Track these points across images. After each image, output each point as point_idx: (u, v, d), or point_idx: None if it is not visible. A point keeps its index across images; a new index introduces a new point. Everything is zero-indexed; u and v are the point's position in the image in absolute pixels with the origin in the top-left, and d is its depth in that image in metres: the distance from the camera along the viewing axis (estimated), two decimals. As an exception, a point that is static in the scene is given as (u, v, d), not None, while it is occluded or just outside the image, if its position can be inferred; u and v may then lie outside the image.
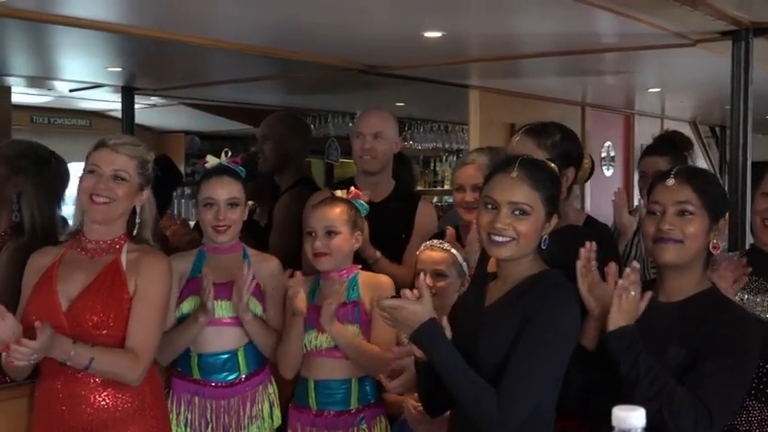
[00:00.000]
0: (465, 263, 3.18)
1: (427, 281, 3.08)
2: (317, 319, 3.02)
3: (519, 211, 2.32)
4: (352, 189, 3.26)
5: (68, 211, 3.32)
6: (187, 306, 3.06)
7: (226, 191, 3.09)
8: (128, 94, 5.41)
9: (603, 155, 6.52)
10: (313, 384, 3.06)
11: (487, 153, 3.51)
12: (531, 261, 2.38)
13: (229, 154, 3.21)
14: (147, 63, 4.78)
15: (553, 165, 2.45)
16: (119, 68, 4.71)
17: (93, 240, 2.79)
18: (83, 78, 5.22)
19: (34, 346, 2.46)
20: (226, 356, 3.08)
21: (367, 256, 3.50)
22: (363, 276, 3.14)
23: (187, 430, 3.05)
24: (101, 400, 2.69)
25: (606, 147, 6.54)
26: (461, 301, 2.57)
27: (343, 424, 3.05)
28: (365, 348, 3.02)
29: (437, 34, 3.60)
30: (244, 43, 3.94)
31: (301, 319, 3.01)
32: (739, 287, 2.76)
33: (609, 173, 6.55)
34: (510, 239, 2.32)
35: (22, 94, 6.01)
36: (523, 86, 5.30)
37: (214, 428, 3.05)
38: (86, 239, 2.80)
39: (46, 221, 3.27)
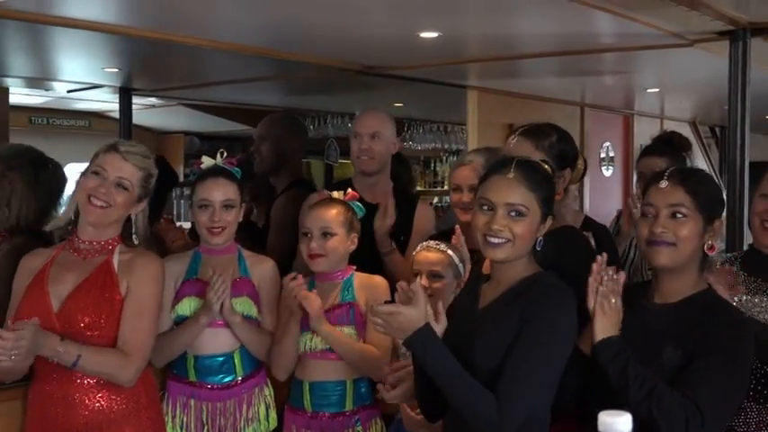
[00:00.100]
0: (461, 264, 3.16)
1: (423, 282, 3.09)
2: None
3: (515, 212, 2.30)
4: (348, 191, 3.25)
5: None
6: (183, 308, 3.04)
7: (221, 192, 3.08)
8: (125, 94, 5.41)
9: (602, 155, 6.52)
10: (308, 386, 3.04)
11: (485, 154, 3.50)
12: (525, 263, 2.37)
13: (225, 155, 3.19)
14: (145, 64, 4.78)
15: (548, 166, 2.44)
16: (116, 69, 4.71)
17: (85, 241, 2.79)
18: (80, 79, 5.21)
19: (12, 337, 2.43)
20: (222, 358, 3.06)
21: (383, 245, 3.54)
22: (358, 278, 3.12)
23: (182, 433, 3.04)
24: (95, 401, 2.68)
25: (605, 147, 6.53)
26: (455, 304, 2.56)
27: (339, 426, 3.03)
28: (359, 348, 3.00)
29: (433, 35, 3.59)
30: (241, 44, 3.94)
31: (298, 321, 2.99)
32: (737, 293, 2.75)
33: (608, 173, 6.54)
34: (506, 241, 2.30)
35: (20, 94, 6.00)
36: (522, 87, 5.29)
37: (210, 431, 3.03)
38: (79, 239, 2.80)
39: (37, 221, 3.26)
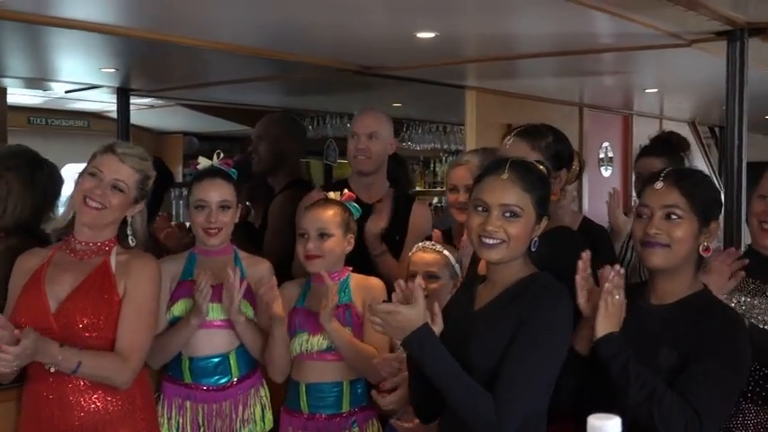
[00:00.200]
0: (458, 264, 3.16)
1: (420, 283, 3.07)
2: (308, 322, 3.01)
3: (510, 213, 2.30)
4: (345, 191, 3.24)
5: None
6: (178, 309, 3.04)
7: (217, 193, 3.07)
8: (123, 95, 5.40)
9: (601, 155, 6.51)
10: (304, 388, 3.04)
11: (482, 154, 3.50)
12: (521, 263, 2.36)
13: (221, 156, 3.19)
14: (143, 64, 4.77)
15: (543, 167, 2.43)
16: (113, 69, 4.69)
17: (82, 241, 2.79)
18: (78, 79, 5.20)
19: (15, 352, 2.44)
20: (217, 360, 3.06)
21: (373, 248, 3.52)
22: (355, 279, 3.12)
23: (178, 434, 3.04)
24: (90, 403, 2.67)
25: (604, 147, 6.52)
26: (451, 305, 2.55)
27: (336, 427, 3.03)
28: (362, 349, 3.00)
29: (430, 35, 3.58)
30: (239, 44, 3.92)
31: (282, 325, 2.99)
32: (735, 283, 2.74)
33: (607, 173, 6.53)
34: (501, 242, 2.30)
35: (19, 95, 5.99)
36: (520, 87, 5.28)
37: (205, 432, 3.03)
38: (75, 240, 2.79)
39: (34, 221, 3.25)
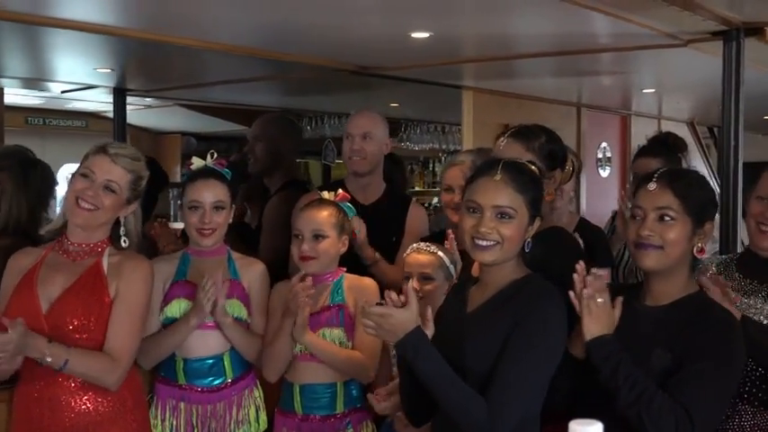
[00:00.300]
0: (452, 266, 3.14)
1: (414, 284, 3.07)
2: (302, 323, 3.00)
3: (503, 214, 2.29)
4: (339, 192, 3.23)
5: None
6: (171, 310, 3.02)
7: (211, 194, 3.05)
8: (119, 95, 5.40)
9: (599, 156, 6.50)
10: (298, 389, 3.02)
11: (477, 154, 3.49)
12: (514, 265, 2.35)
13: (215, 156, 3.17)
14: (139, 64, 4.77)
15: (536, 167, 2.42)
16: (108, 69, 4.69)
17: (74, 243, 2.78)
18: (74, 80, 5.20)
19: (2, 339, 2.43)
20: (212, 361, 3.04)
21: (365, 256, 3.47)
22: (348, 279, 3.10)
23: (172, 436, 3.03)
24: (81, 404, 2.67)
25: (602, 147, 6.52)
26: (444, 307, 2.54)
27: (330, 428, 3.02)
28: (343, 355, 2.99)
29: (424, 35, 3.58)
30: (235, 44, 3.93)
31: (292, 322, 2.97)
32: (731, 297, 2.73)
33: (605, 174, 6.53)
34: (494, 243, 2.29)
35: (16, 95, 5.99)
36: (517, 87, 5.27)
37: (199, 434, 3.02)
38: (68, 241, 2.78)
39: (27, 221, 3.24)
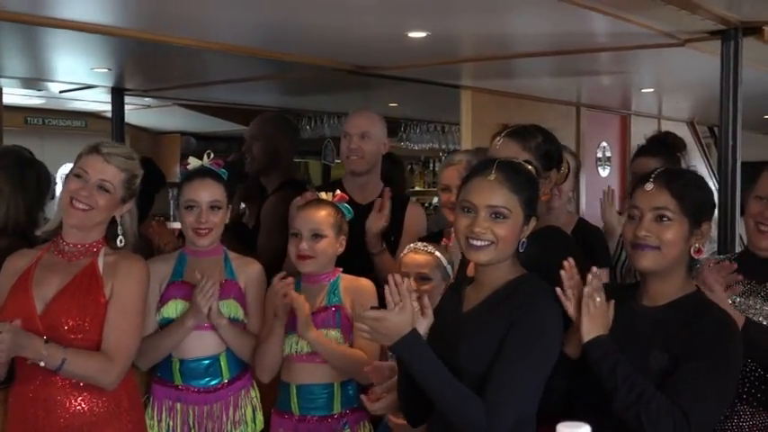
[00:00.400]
0: (449, 265, 3.14)
1: (411, 284, 3.06)
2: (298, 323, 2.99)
3: (497, 214, 2.28)
4: (337, 192, 3.22)
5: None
6: (168, 310, 3.01)
7: (208, 193, 3.05)
8: (117, 95, 5.39)
9: (599, 155, 6.50)
10: (295, 389, 3.02)
11: (474, 154, 3.48)
12: (509, 265, 2.34)
13: (212, 156, 3.17)
14: (136, 64, 4.77)
15: (531, 167, 2.41)
16: (105, 69, 4.69)
17: (70, 243, 2.77)
18: (71, 79, 5.20)
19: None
20: (208, 362, 3.04)
21: (372, 246, 3.56)
22: (345, 280, 3.10)
23: (169, 437, 3.02)
24: (76, 404, 2.66)
25: (602, 147, 6.51)
26: (440, 307, 2.53)
27: (327, 429, 3.01)
28: (346, 353, 2.98)
29: (421, 34, 3.58)
30: (233, 44, 3.93)
31: (283, 323, 2.97)
32: (734, 293, 2.71)
33: (604, 173, 6.53)
34: (488, 243, 2.28)
35: (15, 95, 5.99)
36: (517, 87, 5.27)
37: (196, 434, 3.01)
38: (64, 242, 2.78)
39: (24, 222, 3.24)
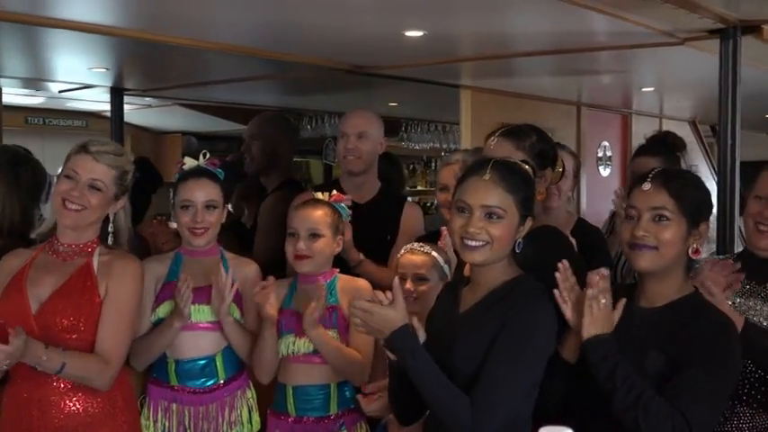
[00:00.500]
0: (446, 265, 3.13)
1: (408, 285, 3.05)
2: (294, 323, 2.98)
3: (492, 214, 2.27)
4: (334, 192, 3.21)
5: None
6: (163, 310, 3.01)
7: (203, 193, 3.04)
8: (117, 94, 5.39)
9: (600, 154, 6.48)
10: (291, 390, 3.01)
11: (472, 153, 3.47)
12: (505, 266, 2.34)
13: (207, 155, 3.16)
14: (135, 63, 4.77)
15: (527, 166, 2.40)
16: (103, 69, 4.68)
17: (64, 243, 2.77)
18: (69, 79, 5.19)
19: (7, 350, 2.43)
20: (203, 362, 3.03)
21: (350, 258, 3.45)
22: (342, 281, 3.09)
23: (165, 437, 3.01)
24: (71, 405, 2.66)
25: (603, 146, 6.50)
26: (436, 307, 2.52)
27: (323, 430, 3.00)
28: (347, 354, 2.97)
29: (418, 33, 3.57)
30: (231, 44, 3.93)
31: (272, 325, 2.96)
32: (733, 291, 2.70)
33: (605, 173, 6.51)
34: (483, 244, 2.27)
35: (16, 95, 5.99)
36: (516, 86, 5.25)
37: (192, 435, 3.01)
38: (58, 242, 2.78)
39: (20, 222, 3.23)
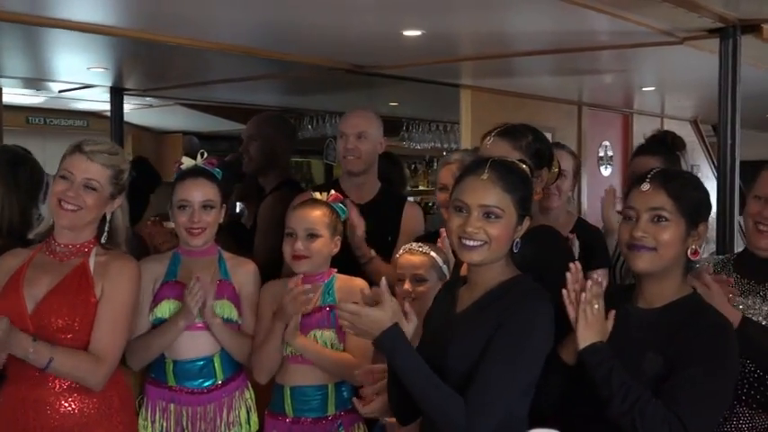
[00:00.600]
0: (445, 265, 3.12)
1: (406, 286, 3.05)
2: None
3: (489, 214, 2.26)
4: (332, 192, 3.21)
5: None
6: (161, 310, 3.00)
7: (201, 193, 3.03)
8: (117, 94, 5.39)
9: (601, 154, 6.48)
10: (289, 391, 3.01)
11: (472, 153, 3.46)
12: (502, 266, 2.33)
13: (205, 155, 3.16)
14: (134, 63, 4.77)
15: (524, 166, 2.39)
16: (102, 69, 4.68)
17: (61, 243, 2.77)
18: (69, 79, 5.19)
19: None
20: (202, 362, 3.03)
21: (361, 254, 3.47)
22: (339, 280, 3.08)
23: (162, 438, 3.01)
24: (66, 405, 2.66)
25: (604, 146, 6.49)
26: (433, 307, 2.52)
27: (321, 430, 3.00)
28: (335, 357, 2.97)
29: (416, 33, 3.57)
30: (231, 43, 3.93)
31: (283, 324, 2.95)
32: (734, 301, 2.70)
33: (606, 172, 6.51)
34: (481, 243, 2.26)
35: (16, 95, 5.99)
36: (517, 86, 5.24)
37: (190, 435, 3.00)
38: (55, 242, 2.78)
39: (19, 222, 3.23)
